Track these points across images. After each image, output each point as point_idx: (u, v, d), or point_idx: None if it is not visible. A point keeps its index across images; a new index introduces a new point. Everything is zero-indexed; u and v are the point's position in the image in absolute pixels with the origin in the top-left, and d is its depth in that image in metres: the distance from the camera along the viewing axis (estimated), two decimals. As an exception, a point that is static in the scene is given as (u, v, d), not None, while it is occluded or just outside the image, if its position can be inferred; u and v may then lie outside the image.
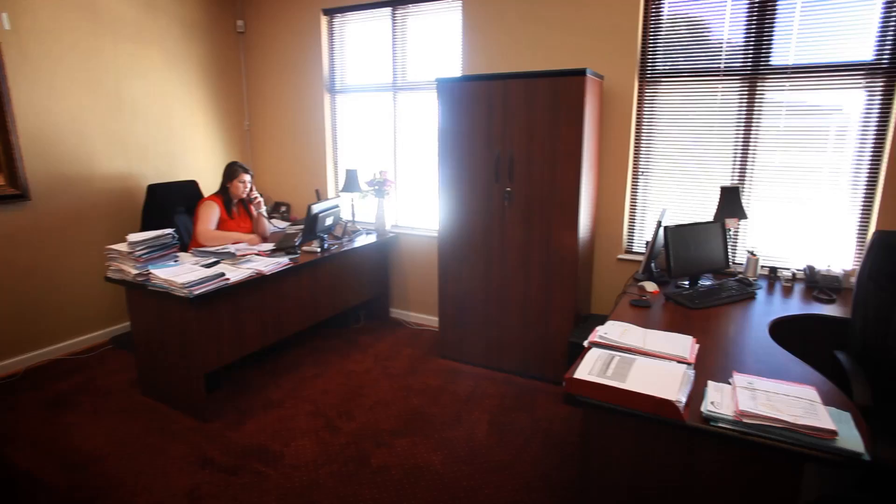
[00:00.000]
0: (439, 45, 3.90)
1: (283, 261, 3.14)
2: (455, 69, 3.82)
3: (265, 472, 2.45)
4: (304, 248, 3.47)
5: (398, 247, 4.27)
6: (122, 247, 2.83)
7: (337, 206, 3.65)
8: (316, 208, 3.35)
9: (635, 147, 3.36)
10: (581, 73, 2.87)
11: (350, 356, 3.68)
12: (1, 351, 3.33)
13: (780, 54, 2.93)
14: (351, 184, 4.05)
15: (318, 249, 3.47)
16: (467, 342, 3.54)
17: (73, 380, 3.32)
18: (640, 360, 1.72)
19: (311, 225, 3.35)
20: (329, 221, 3.54)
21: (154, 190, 3.72)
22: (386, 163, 4.27)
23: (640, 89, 3.28)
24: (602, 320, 2.17)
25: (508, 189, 3.18)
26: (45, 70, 3.40)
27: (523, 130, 3.07)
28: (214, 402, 3.02)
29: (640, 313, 2.38)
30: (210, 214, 3.37)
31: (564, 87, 2.91)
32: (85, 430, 2.79)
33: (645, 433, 1.56)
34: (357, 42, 4.28)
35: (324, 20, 4.29)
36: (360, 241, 3.88)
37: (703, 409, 1.48)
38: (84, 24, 3.58)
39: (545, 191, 3.08)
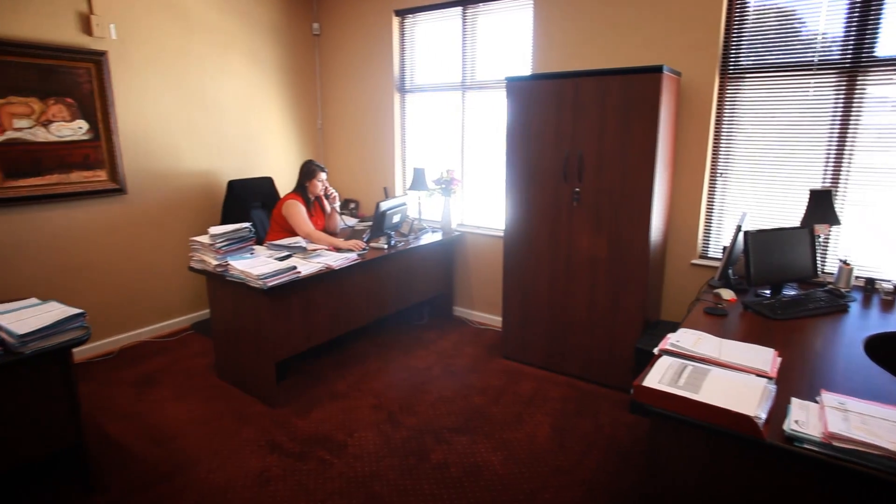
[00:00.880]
0: (509, 43, 3.87)
1: (351, 256, 3.23)
2: (524, 68, 3.78)
3: (329, 460, 2.53)
4: (372, 244, 3.55)
5: (463, 245, 4.28)
6: (204, 239, 3.01)
7: (404, 204, 3.71)
8: (384, 206, 3.42)
9: (714, 147, 3.19)
10: (657, 69, 2.76)
11: (413, 352, 3.73)
12: (101, 331, 3.63)
13: (888, 45, 2.67)
14: (418, 182, 4.10)
15: (385, 246, 3.54)
16: (530, 343, 3.50)
17: (159, 361, 3.58)
18: (714, 371, 1.63)
19: (379, 222, 3.42)
20: (396, 219, 3.60)
21: (233, 185, 3.93)
22: (453, 161, 4.29)
23: (720, 86, 3.11)
24: (673, 327, 2.07)
25: (577, 189, 3.11)
26: (142, 75, 3.67)
27: (594, 129, 2.99)
28: (283, 390, 3.15)
29: (716, 322, 2.25)
30: (303, 214, 3.48)
31: (639, 84, 2.81)
32: (168, 408, 2.99)
33: (718, 449, 1.48)
34: (427, 42, 4.33)
35: (395, 21, 4.37)
36: (426, 238, 3.93)
37: (785, 427, 1.38)
38: (177, 31, 3.83)
39: (615, 191, 2.99)
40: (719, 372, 1.63)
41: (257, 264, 2.85)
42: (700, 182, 3.22)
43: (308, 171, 3.60)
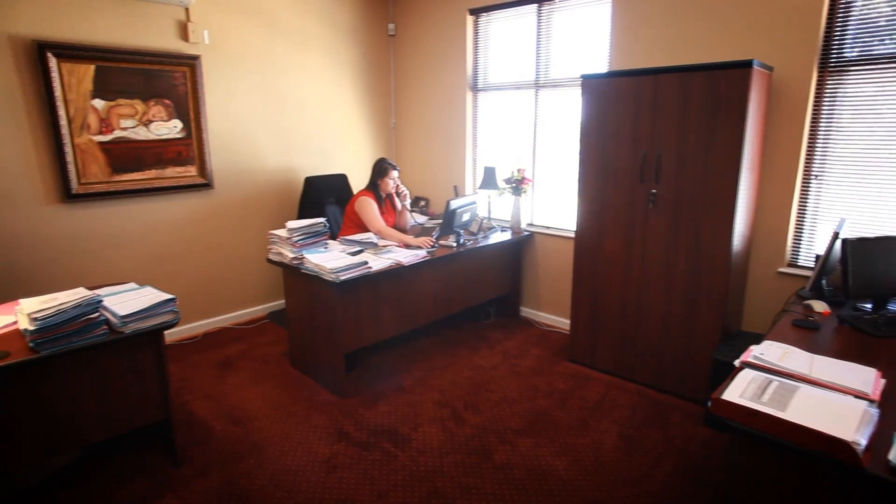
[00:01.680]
0: (585, 40, 3.77)
1: (420, 253, 3.28)
2: (600, 65, 3.67)
3: (394, 453, 2.59)
4: (441, 242, 3.58)
5: (532, 245, 4.23)
6: (282, 232, 3.16)
7: (474, 203, 3.71)
8: (454, 204, 3.44)
9: (808, 147, 2.96)
10: (746, 64, 2.59)
11: (479, 351, 3.73)
12: (187, 316, 3.90)
13: None
14: (488, 181, 4.09)
15: (454, 244, 3.56)
16: (599, 348, 3.40)
17: (238, 347, 3.79)
18: (804, 389, 1.52)
19: (449, 220, 3.45)
20: (466, 217, 3.62)
21: (310, 182, 4.10)
22: (524, 161, 4.24)
23: (819, 81, 2.87)
24: (755, 339, 1.95)
25: (654, 191, 2.98)
26: (230, 77, 3.90)
27: (674, 128, 2.86)
28: (352, 381, 3.25)
29: (806, 336, 2.09)
30: (375, 210, 3.58)
31: (725, 80, 2.65)
32: (245, 391, 3.17)
33: (808, 474, 1.37)
34: (501, 40, 4.30)
35: (469, 20, 4.37)
36: (495, 237, 3.91)
37: (891, 457, 1.25)
38: (262, 35, 4.04)
39: (696, 193, 2.84)
40: (810, 390, 1.52)
41: (331, 258, 2.95)
42: (791, 185, 3.00)
43: (380, 169, 3.68)
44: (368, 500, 2.26)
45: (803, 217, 3.05)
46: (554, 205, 4.17)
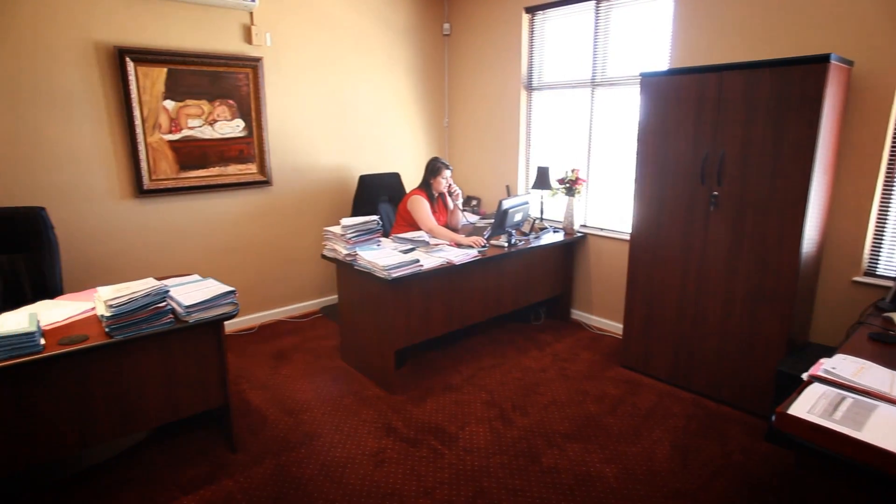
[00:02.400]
0: (644, 37, 3.66)
1: (471, 252, 3.28)
2: (660, 63, 3.55)
3: (441, 451, 2.60)
4: (492, 241, 3.57)
5: (585, 247, 4.15)
6: (336, 229, 3.23)
7: (526, 203, 3.68)
8: (506, 204, 3.42)
9: (892, 148, 2.75)
10: (822, 59, 2.44)
11: (528, 352, 3.70)
12: (245, 308, 4.06)
13: None
14: (542, 181, 4.04)
15: (506, 244, 3.54)
16: (653, 354, 3.30)
17: (291, 340, 3.91)
18: (883, 408, 1.42)
19: (501, 220, 3.43)
20: (518, 217, 3.59)
21: (364, 180, 4.17)
22: (578, 161, 4.16)
23: (905, 77, 2.67)
24: (826, 352, 1.83)
25: (715, 193, 2.86)
26: (290, 77, 4.03)
27: (740, 127, 2.73)
28: (401, 377, 3.29)
29: (884, 351, 1.95)
30: (427, 209, 3.61)
31: (797, 76, 2.51)
32: (297, 382, 3.26)
33: (885, 500, 1.28)
34: (556, 38, 4.24)
35: (525, 18, 4.33)
36: (547, 238, 3.86)
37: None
38: (321, 37, 4.15)
39: (762, 196, 2.70)
40: (890, 410, 1.41)
41: (383, 255, 3.00)
42: (871, 189, 2.80)
43: (433, 168, 3.71)
44: (415, 496, 2.28)
45: (884, 224, 2.85)
46: (608, 206, 4.07)
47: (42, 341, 1.99)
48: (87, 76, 3.20)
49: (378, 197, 4.17)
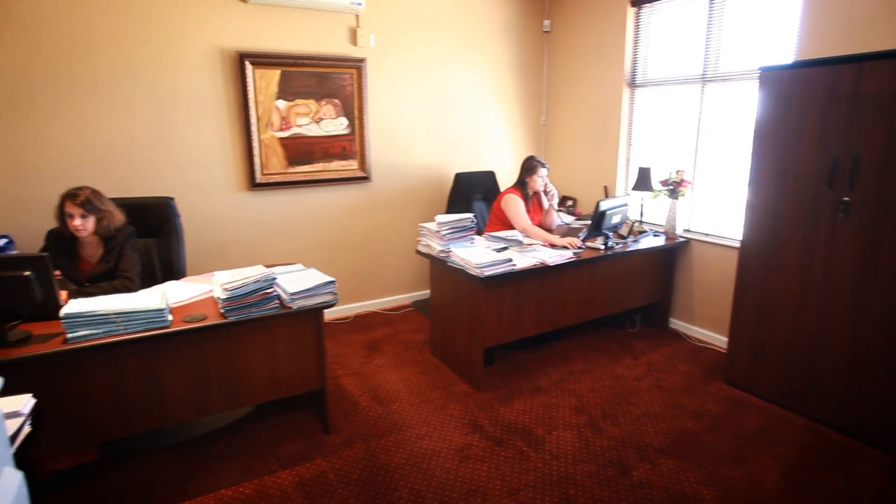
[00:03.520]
0: (765, 28, 3.36)
1: (566, 254, 3.20)
2: (782, 55, 3.24)
3: (526, 452, 2.56)
4: (588, 243, 3.46)
5: (688, 253, 3.90)
6: (431, 225, 3.29)
7: (626, 205, 3.53)
8: (604, 205, 3.30)
9: None
10: None
11: (621, 360, 3.55)
12: (342, 298, 4.25)
13: None
14: (643, 182, 3.85)
15: (602, 247, 3.42)
16: (762, 372, 3.04)
17: (384, 331, 4.04)
18: None
19: (598, 221, 3.32)
20: (616, 219, 3.45)
21: (460, 178, 4.21)
22: (684, 161, 3.92)
23: None
24: None
25: (846, 199, 2.57)
26: (391, 77, 4.16)
27: (880, 126, 2.42)
28: (489, 376, 3.29)
29: None
30: (521, 208, 3.59)
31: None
32: (388, 373, 3.37)
33: None
34: (664, 32, 4.02)
35: (631, 12, 4.15)
36: (646, 242, 3.68)
37: None
38: (422, 37, 4.24)
39: (905, 203, 2.39)
40: None
41: (476, 253, 3.01)
42: None
43: (529, 167, 3.66)
44: (499, 496, 2.27)
45: None
46: (715, 210, 3.79)
47: (169, 317, 2.21)
48: (213, 79, 3.50)
49: (473, 195, 4.20)
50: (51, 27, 3.02)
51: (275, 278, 2.40)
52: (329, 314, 4.14)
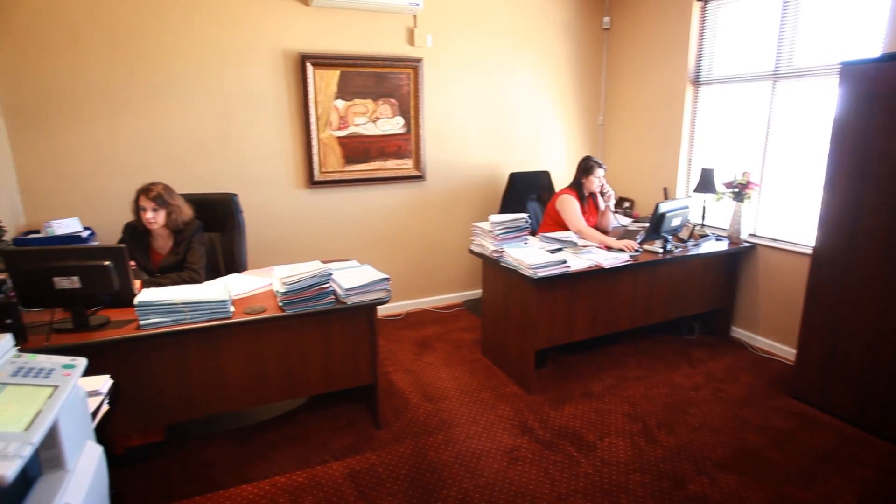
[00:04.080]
0: (847, 21, 3.14)
1: (622, 256, 3.12)
2: (867, 49, 3.02)
3: (577, 458, 2.51)
4: (646, 246, 3.36)
5: (753, 259, 3.71)
6: (484, 225, 3.27)
7: (686, 207, 3.40)
8: (664, 207, 3.19)
9: None
10: None
11: (678, 367, 3.42)
12: (394, 296, 4.28)
13: None
14: (705, 184, 3.70)
15: (660, 250, 3.31)
16: (835, 388, 2.85)
17: (435, 329, 4.06)
18: None
19: (657, 224, 3.21)
20: (676, 222, 3.33)
21: (514, 177, 4.18)
22: (750, 162, 3.73)
23: None
24: None
25: (937, 203, 2.37)
26: (447, 76, 4.18)
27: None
28: (539, 378, 3.24)
29: None
30: (576, 209, 3.52)
31: None
32: (438, 371, 3.38)
33: None
34: (732, 27, 3.83)
35: (696, 7, 3.98)
36: (708, 246, 3.53)
37: None
38: (479, 36, 4.23)
39: None
40: None
41: (530, 254, 2.97)
42: None
43: (586, 167, 3.59)
44: (547, 501, 2.24)
45: None
46: (785, 214, 3.59)
47: (231, 308, 2.30)
48: (276, 80, 3.63)
49: (527, 195, 4.15)
50: (133, 36, 3.22)
51: (331, 274, 2.46)
52: (382, 311, 4.20)
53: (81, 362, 1.30)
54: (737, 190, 3.55)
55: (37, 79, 3.06)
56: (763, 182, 3.67)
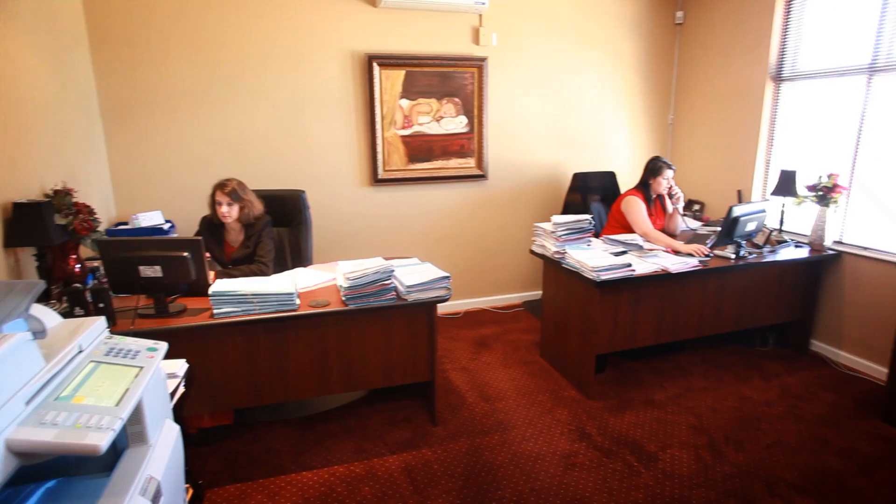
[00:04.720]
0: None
1: (691, 261, 2.99)
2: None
3: (636, 468, 2.43)
4: (717, 251, 3.20)
5: (838, 268, 3.45)
6: (546, 226, 3.23)
7: (763, 211, 3.21)
8: (737, 210, 3.02)
9: None
10: None
11: (749, 380, 3.23)
12: (454, 294, 4.29)
13: None
14: (785, 187, 3.47)
15: (733, 256, 3.14)
16: (930, 411, 2.60)
17: (493, 329, 4.05)
18: None
19: (730, 228, 3.04)
20: (750, 227, 3.15)
21: (578, 177, 4.10)
22: (839, 164, 3.47)
23: None
24: None
25: None
26: (511, 75, 4.14)
27: None
28: (599, 383, 3.16)
29: None
30: (643, 211, 3.41)
31: None
32: (496, 371, 3.37)
33: None
34: (820, 18, 3.57)
35: (781, -2, 3.75)
36: (786, 253, 3.31)
37: None
38: (544, 34, 4.17)
39: None
40: None
41: (593, 256, 2.90)
42: None
43: (654, 168, 3.46)
44: (606, 510, 2.18)
45: None
46: (877, 221, 3.31)
47: (297, 301, 2.39)
48: (343, 80, 3.73)
49: (591, 196, 4.06)
50: (214, 42, 3.41)
51: (393, 270, 2.50)
52: (441, 308, 4.20)
53: (163, 346, 1.39)
54: (821, 193, 3.31)
55: (130, 82, 3.30)
56: (852, 185, 3.40)
